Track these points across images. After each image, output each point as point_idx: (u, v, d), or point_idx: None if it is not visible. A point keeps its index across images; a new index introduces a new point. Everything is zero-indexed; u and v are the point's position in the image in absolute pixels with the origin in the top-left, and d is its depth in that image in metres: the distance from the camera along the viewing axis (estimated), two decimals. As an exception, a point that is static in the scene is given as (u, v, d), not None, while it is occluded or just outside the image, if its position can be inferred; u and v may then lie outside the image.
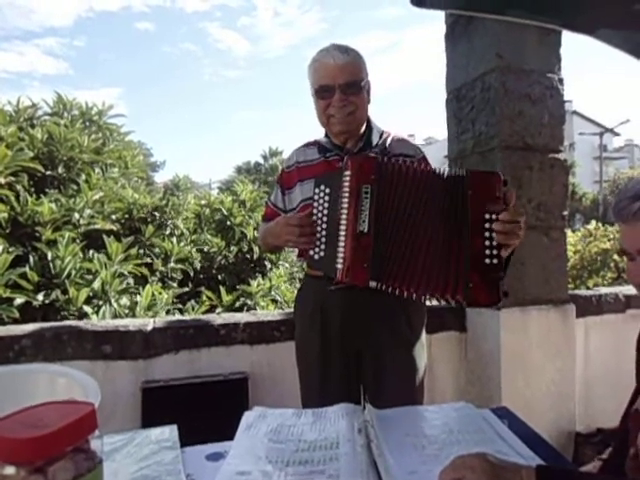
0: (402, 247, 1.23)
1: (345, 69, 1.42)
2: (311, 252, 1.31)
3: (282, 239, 1.38)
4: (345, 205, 1.24)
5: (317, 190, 1.31)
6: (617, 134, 36.51)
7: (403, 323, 1.49)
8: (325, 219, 1.29)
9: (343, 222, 1.24)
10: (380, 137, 1.55)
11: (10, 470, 0.55)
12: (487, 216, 1.19)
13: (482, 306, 1.24)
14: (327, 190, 1.30)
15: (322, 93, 1.45)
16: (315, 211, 1.31)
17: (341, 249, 1.24)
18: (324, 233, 1.29)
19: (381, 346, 1.47)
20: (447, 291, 1.21)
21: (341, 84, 1.41)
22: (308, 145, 1.60)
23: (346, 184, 1.25)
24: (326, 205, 1.29)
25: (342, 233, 1.24)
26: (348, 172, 1.25)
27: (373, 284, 1.22)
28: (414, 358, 1.50)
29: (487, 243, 1.19)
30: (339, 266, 1.23)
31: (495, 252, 1.19)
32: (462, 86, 2.43)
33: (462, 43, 2.41)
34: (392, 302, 1.43)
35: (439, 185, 1.25)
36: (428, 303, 1.61)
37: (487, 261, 1.19)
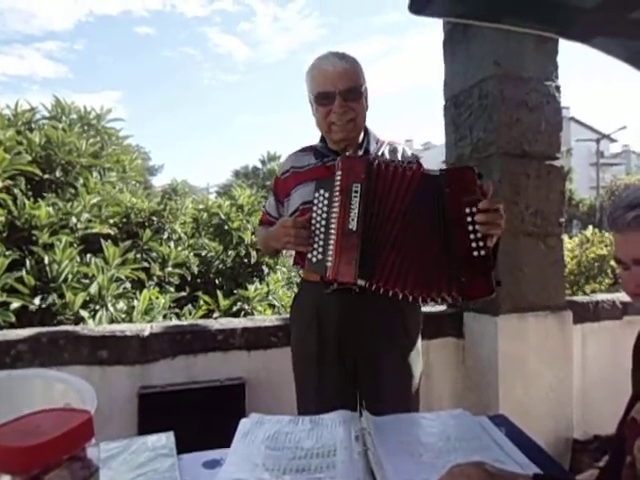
0: (391, 246, 1.25)
1: (344, 75, 1.43)
2: (309, 255, 1.31)
3: (281, 242, 1.40)
4: (336, 204, 1.27)
5: (317, 194, 1.32)
6: (614, 140, 36.70)
7: (399, 328, 1.49)
8: (324, 222, 1.30)
9: (334, 221, 1.26)
10: (376, 144, 1.56)
11: (6, 479, 0.55)
12: (467, 210, 1.23)
13: (478, 297, 1.26)
14: (326, 194, 1.31)
15: (322, 100, 1.45)
16: (314, 215, 1.32)
17: (331, 247, 1.26)
18: (322, 236, 1.30)
19: (377, 351, 1.47)
20: (442, 290, 1.23)
21: (341, 90, 1.42)
22: (303, 151, 1.60)
23: (337, 183, 1.27)
24: (324, 209, 1.30)
25: (332, 232, 1.26)
26: (339, 172, 1.28)
27: (362, 282, 1.24)
28: (410, 364, 1.50)
29: (472, 236, 1.22)
30: (329, 264, 1.25)
31: (481, 244, 1.22)
32: (460, 93, 2.44)
33: (460, 50, 2.42)
34: (388, 306, 1.44)
35: (425, 185, 1.27)
36: (426, 309, 1.62)
37: (475, 254, 1.22)
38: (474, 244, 1.22)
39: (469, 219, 1.22)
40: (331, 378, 1.48)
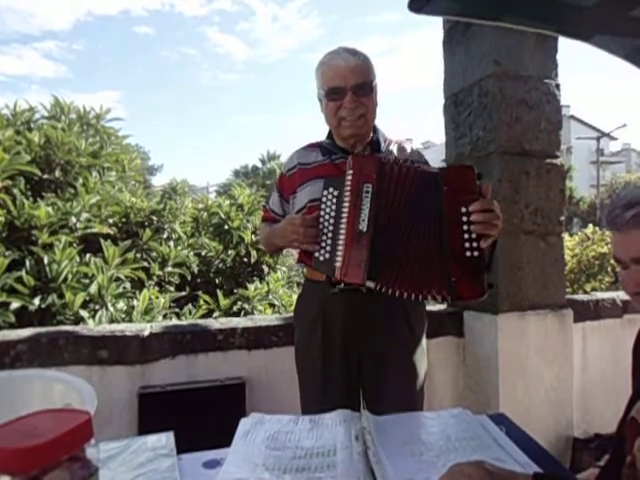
0: (399, 247, 1.24)
1: (356, 70, 1.42)
2: (316, 254, 1.31)
3: (288, 239, 1.39)
4: (346, 204, 1.26)
5: (325, 192, 1.32)
6: (614, 138, 36.70)
7: (404, 328, 1.49)
8: (332, 221, 1.29)
9: (343, 221, 1.26)
10: (384, 142, 1.56)
11: (5, 480, 0.55)
12: (463, 209, 1.22)
13: (468, 299, 1.25)
14: (335, 193, 1.30)
15: (333, 95, 1.44)
16: (322, 213, 1.31)
17: (340, 248, 1.25)
18: (330, 235, 1.29)
19: (382, 351, 1.46)
20: (433, 288, 1.23)
21: (352, 85, 1.41)
22: (309, 147, 1.58)
23: (348, 183, 1.26)
24: (333, 207, 1.30)
25: (342, 232, 1.26)
26: (350, 171, 1.27)
27: (370, 284, 1.23)
28: (415, 363, 1.50)
29: (466, 236, 1.22)
30: (338, 264, 1.24)
31: (475, 245, 1.21)
32: (460, 91, 2.44)
33: (459, 49, 2.42)
34: (394, 307, 1.44)
35: (423, 183, 1.27)
36: (427, 307, 1.62)
37: (468, 254, 1.21)
38: (467, 244, 1.21)
39: (465, 218, 1.21)
40: (335, 378, 1.47)
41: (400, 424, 1.08)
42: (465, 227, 1.22)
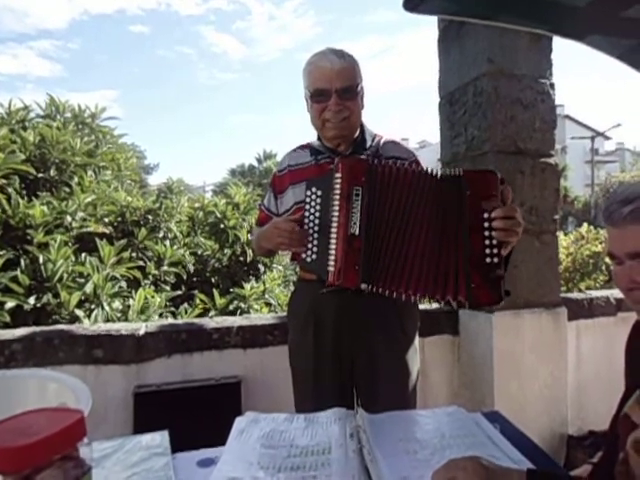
0: (393, 249, 1.24)
1: (342, 74, 1.41)
2: (303, 255, 1.31)
3: (274, 242, 1.38)
4: (336, 207, 1.25)
5: (309, 193, 1.31)
6: (608, 138, 36.83)
7: (397, 327, 1.49)
8: (317, 221, 1.29)
9: (334, 224, 1.25)
10: (372, 140, 1.55)
11: (-3, 479, 0.55)
12: (486, 215, 1.20)
13: (485, 305, 1.24)
14: (319, 192, 1.30)
15: (318, 97, 1.44)
16: (307, 214, 1.31)
17: (332, 252, 1.24)
18: (316, 236, 1.29)
19: (374, 350, 1.46)
20: (448, 292, 1.21)
21: (338, 89, 1.41)
22: (300, 148, 1.59)
23: (337, 186, 1.26)
24: (318, 208, 1.29)
25: (333, 236, 1.25)
26: (339, 174, 1.26)
27: (364, 286, 1.23)
28: (407, 362, 1.50)
29: (487, 242, 1.20)
30: (331, 269, 1.24)
31: (495, 251, 1.20)
32: (455, 90, 2.44)
33: (454, 48, 2.43)
34: (385, 306, 1.44)
35: (432, 186, 1.25)
36: (422, 306, 1.62)
37: (488, 260, 1.20)
38: (488, 250, 1.20)
39: (486, 224, 1.20)
40: (328, 376, 1.48)
41: (395, 422, 1.08)
42: (487, 233, 1.20)
